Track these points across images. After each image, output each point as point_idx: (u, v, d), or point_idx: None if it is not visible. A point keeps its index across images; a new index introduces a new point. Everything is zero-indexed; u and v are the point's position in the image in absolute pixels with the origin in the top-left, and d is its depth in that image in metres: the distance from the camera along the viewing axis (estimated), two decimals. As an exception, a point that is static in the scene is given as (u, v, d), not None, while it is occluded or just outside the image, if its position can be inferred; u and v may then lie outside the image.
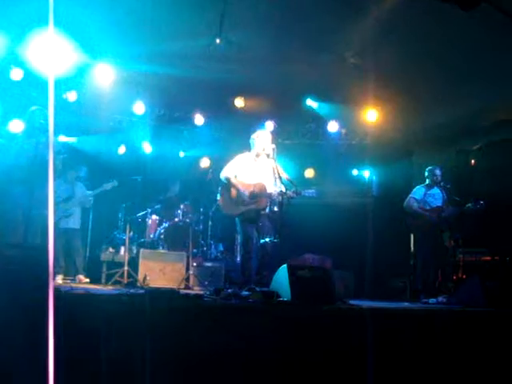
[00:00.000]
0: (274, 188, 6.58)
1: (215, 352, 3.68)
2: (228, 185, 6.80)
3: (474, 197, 7.83)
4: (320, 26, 7.23)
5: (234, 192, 6.73)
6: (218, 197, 6.98)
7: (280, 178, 6.46)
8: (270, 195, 6.60)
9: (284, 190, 6.35)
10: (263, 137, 6.87)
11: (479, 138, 9.89)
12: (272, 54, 7.98)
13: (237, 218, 6.78)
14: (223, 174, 6.84)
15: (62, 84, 8.55)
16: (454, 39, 7.01)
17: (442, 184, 8.01)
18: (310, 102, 9.93)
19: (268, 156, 6.68)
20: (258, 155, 6.82)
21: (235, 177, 6.77)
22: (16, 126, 9.00)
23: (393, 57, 7.71)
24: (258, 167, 6.80)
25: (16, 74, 8.33)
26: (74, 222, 8.46)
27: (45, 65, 7.57)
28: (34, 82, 8.41)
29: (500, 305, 5.91)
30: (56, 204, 7.86)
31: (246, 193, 6.62)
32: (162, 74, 8.41)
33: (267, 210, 6.61)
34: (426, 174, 8.11)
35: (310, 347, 4.05)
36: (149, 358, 3.32)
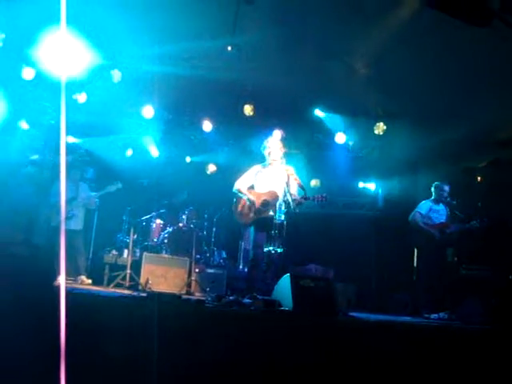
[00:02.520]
0: (283, 196, 6.58)
1: (216, 358, 3.68)
2: (240, 196, 6.89)
3: (479, 214, 7.82)
4: (331, 37, 7.26)
5: (245, 202, 6.82)
6: (233, 208, 7.03)
7: (291, 184, 6.45)
8: (278, 204, 6.61)
9: (292, 197, 6.33)
10: (273, 145, 6.91)
11: (486, 156, 9.88)
12: (282, 63, 8.00)
13: (250, 227, 6.81)
14: (236, 187, 6.94)
15: (73, 85, 8.58)
16: (464, 55, 7.02)
17: (447, 200, 8.01)
18: (319, 113, 9.95)
19: (282, 162, 6.76)
20: (271, 164, 6.86)
21: (252, 187, 6.87)
22: (24, 124, 9.06)
23: (403, 70, 7.72)
24: (272, 175, 6.85)
25: (27, 74, 8.35)
26: (76, 224, 8.42)
27: (57, 65, 7.61)
28: (45, 82, 8.43)
29: (501, 322, 5.89)
30: (59, 204, 7.85)
31: (259, 202, 6.68)
32: (172, 78, 8.44)
33: (276, 219, 6.60)
34: (433, 189, 8.10)
35: (310, 357, 4.04)
36: (155, 362, 3.32)
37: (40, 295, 3.13)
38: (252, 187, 6.91)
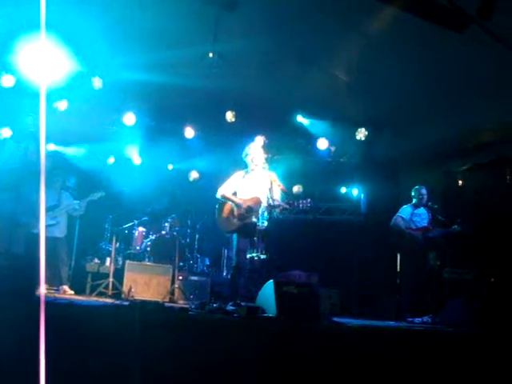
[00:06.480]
0: (266, 201, 6.55)
1: (200, 365, 3.66)
2: (224, 202, 6.80)
3: (460, 217, 7.88)
4: (312, 43, 7.29)
5: (229, 207, 6.72)
6: (216, 215, 6.95)
7: (274, 190, 6.43)
8: (261, 210, 6.57)
9: (277, 202, 6.32)
10: (255, 151, 6.87)
11: (467, 159, 9.95)
12: (264, 70, 8.01)
13: (234, 233, 6.74)
14: (220, 193, 6.82)
15: (53, 93, 8.51)
16: (444, 61, 7.07)
17: (428, 204, 8.06)
18: (301, 119, 9.97)
19: (264, 168, 6.72)
20: (253, 170, 6.82)
21: (234, 194, 6.78)
22: (5, 132, 8.97)
23: (384, 75, 7.76)
24: (254, 181, 6.79)
25: (7, 81, 8.28)
26: (59, 231, 8.30)
27: (36, 73, 7.55)
28: (26, 90, 8.35)
29: (484, 325, 5.93)
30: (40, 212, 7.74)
31: (244, 207, 6.61)
32: (154, 85, 8.39)
33: (259, 225, 6.57)
34: (413, 193, 8.17)
35: (293, 363, 4.03)
36: (138, 371, 3.29)
37: (21, 306, 3.09)
38: (235, 193, 6.85)
